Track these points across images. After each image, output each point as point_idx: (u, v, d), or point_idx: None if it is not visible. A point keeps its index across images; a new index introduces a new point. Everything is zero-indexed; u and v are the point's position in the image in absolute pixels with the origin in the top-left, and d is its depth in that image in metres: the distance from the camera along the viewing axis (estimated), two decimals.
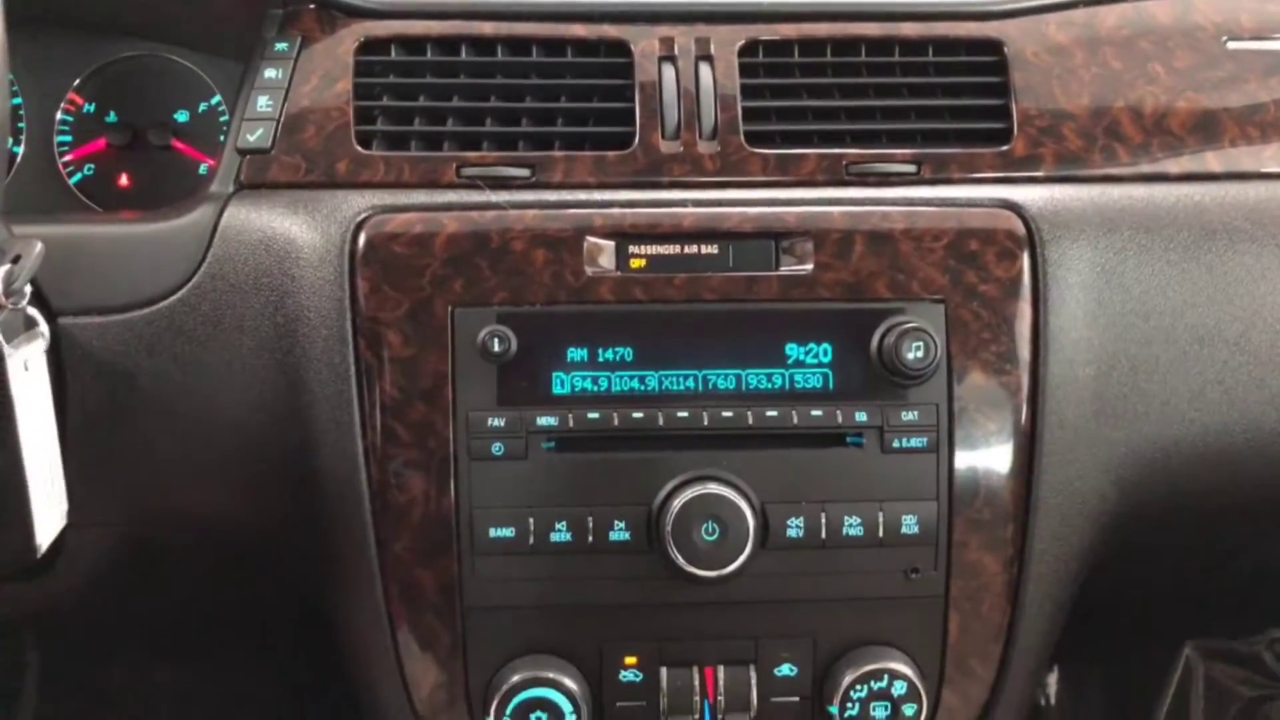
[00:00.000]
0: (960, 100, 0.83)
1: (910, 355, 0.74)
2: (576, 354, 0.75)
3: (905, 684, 0.76)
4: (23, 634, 1.32)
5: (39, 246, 0.69)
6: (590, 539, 0.74)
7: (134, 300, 0.76)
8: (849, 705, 0.76)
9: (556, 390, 0.75)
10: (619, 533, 0.74)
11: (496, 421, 0.74)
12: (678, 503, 0.73)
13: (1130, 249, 0.79)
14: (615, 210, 0.77)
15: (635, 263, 0.76)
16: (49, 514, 0.70)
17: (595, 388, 0.75)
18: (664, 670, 0.77)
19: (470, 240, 0.75)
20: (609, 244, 0.76)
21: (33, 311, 0.72)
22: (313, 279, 0.76)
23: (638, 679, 0.77)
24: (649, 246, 0.76)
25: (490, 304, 0.75)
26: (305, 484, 0.76)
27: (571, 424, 0.74)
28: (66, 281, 0.75)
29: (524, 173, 0.79)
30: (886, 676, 0.76)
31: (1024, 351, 0.77)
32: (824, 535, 0.75)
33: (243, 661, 1.45)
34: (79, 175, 0.95)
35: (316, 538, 0.77)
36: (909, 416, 0.75)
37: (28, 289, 0.70)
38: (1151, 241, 0.79)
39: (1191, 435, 0.79)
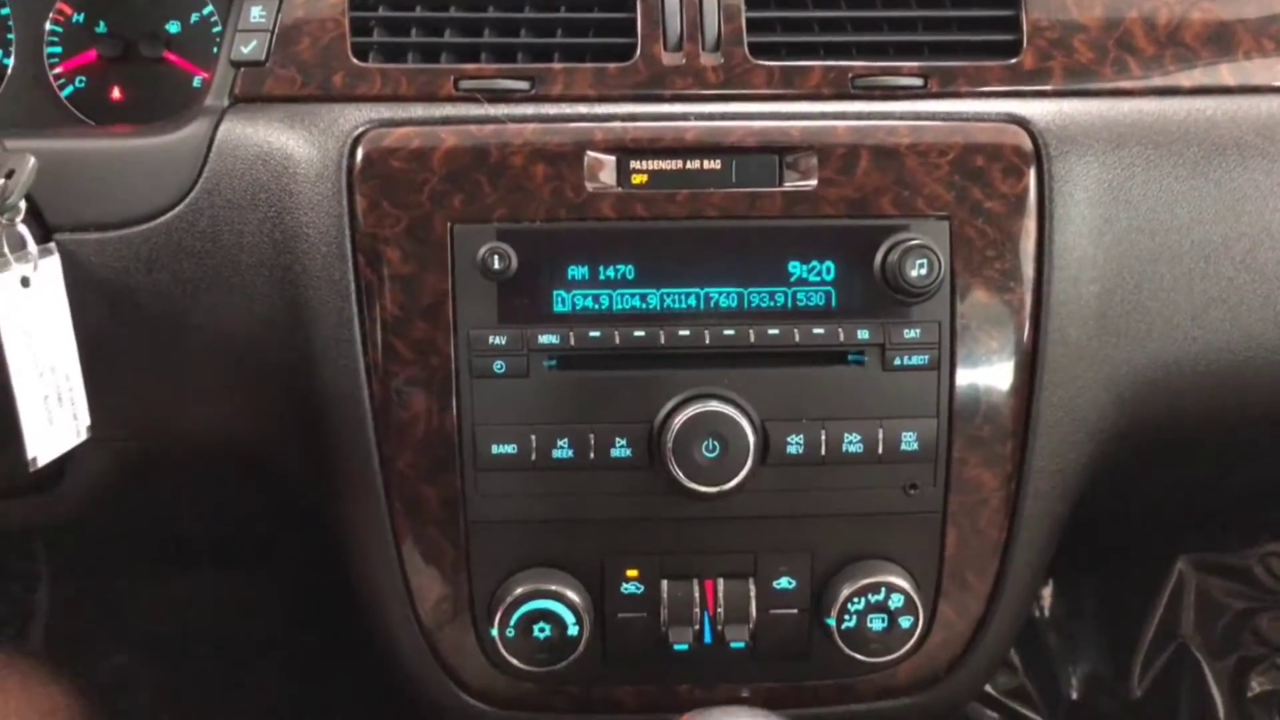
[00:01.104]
0: (969, 11, 0.81)
1: (914, 273, 0.73)
2: (577, 271, 0.75)
3: (902, 597, 0.77)
4: (34, 546, 1.34)
5: (32, 161, 0.68)
6: (592, 456, 0.75)
7: (131, 216, 0.75)
8: (846, 617, 0.77)
9: (557, 308, 0.75)
10: (620, 450, 0.75)
11: (497, 339, 0.74)
12: (679, 420, 0.73)
13: (1138, 164, 0.78)
14: (616, 124, 0.75)
15: (637, 178, 0.75)
16: (52, 431, 0.71)
17: (596, 306, 0.75)
18: (665, 583, 0.79)
19: (469, 155, 0.74)
20: (610, 159, 0.75)
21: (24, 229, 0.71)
22: (310, 195, 0.75)
23: (639, 591, 0.78)
24: (650, 161, 0.75)
25: (490, 220, 0.74)
26: (308, 400, 0.77)
27: (573, 342, 0.74)
28: (62, 197, 0.75)
29: (523, 85, 0.78)
30: (884, 590, 0.77)
31: (1028, 269, 0.77)
32: (823, 452, 0.75)
33: (251, 572, 1.48)
34: (70, 88, 0.93)
35: (321, 453, 0.78)
36: (911, 334, 0.75)
37: (22, 205, 0.70)
38: (1160, 157, 0.78)
39: (1193, 353, 0.79)
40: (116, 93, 0.94)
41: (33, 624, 1.33)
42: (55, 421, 0.71)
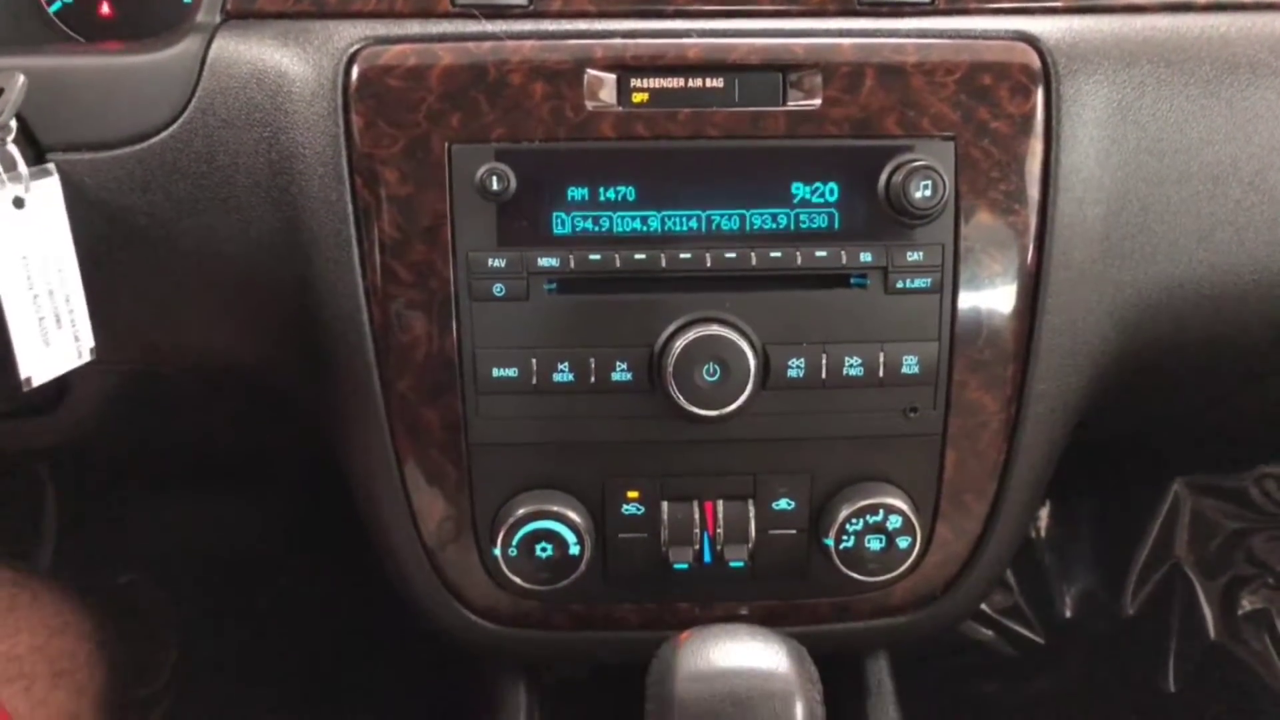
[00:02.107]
0: None
1: (918, 194, 0.72)
2: (577, 193, 0.74)
3: (900, 518, 0.78)
4: (39, 468, 1.35)
5: (21, 79, 0.66)
6: (592, 379, 0.75)
7: (124, 136, 0.74)
8: (844, 538, 0.78)
9: (557, 230, 0.74)
10: (621, 373, 0.75)
11: (497, 262, 0.74)
12: (680, 344, 0.73)
13: (1149, 84, 0.76)
14: (617, 41, 0.74)
15: (637, 97, 0.73)
16: (49, 353, 0.71)
17: (596, 228, 0.74)
18: (665, 504, 0.79)
19: (466, 73, 0.72)
20: (610, 77, 0.73)
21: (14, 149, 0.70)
22: (306, 114, 0.73)
23: (639, 512, 0.79)
24: (652, 80, 0.73)
25: (488, 140, 0.73)
26: (308, 324, 0.76)
27: (573, 265, 0.74)
28: (53, 117, 0.73)
29: (521, 1, 0.76)
30: (882, 511, 0.78)
31: (1033, 191, 0.76)
32: (824, 375, 0.75)
33: (257, 491, 1.49)
34: (59, 4, 0.91)
35: (322, 376, 0.78)
36: (914, 257, 0.75)
37: (13, 124, 0.69)
38: (1172, 75, 0.77)
39: (1198, 276, 0.79)
40: (106, 8, 0.92)
41: (40, 544, 1.35)
42: (52, 343, 0.71)
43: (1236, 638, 1.46)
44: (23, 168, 0.71)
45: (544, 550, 0.77)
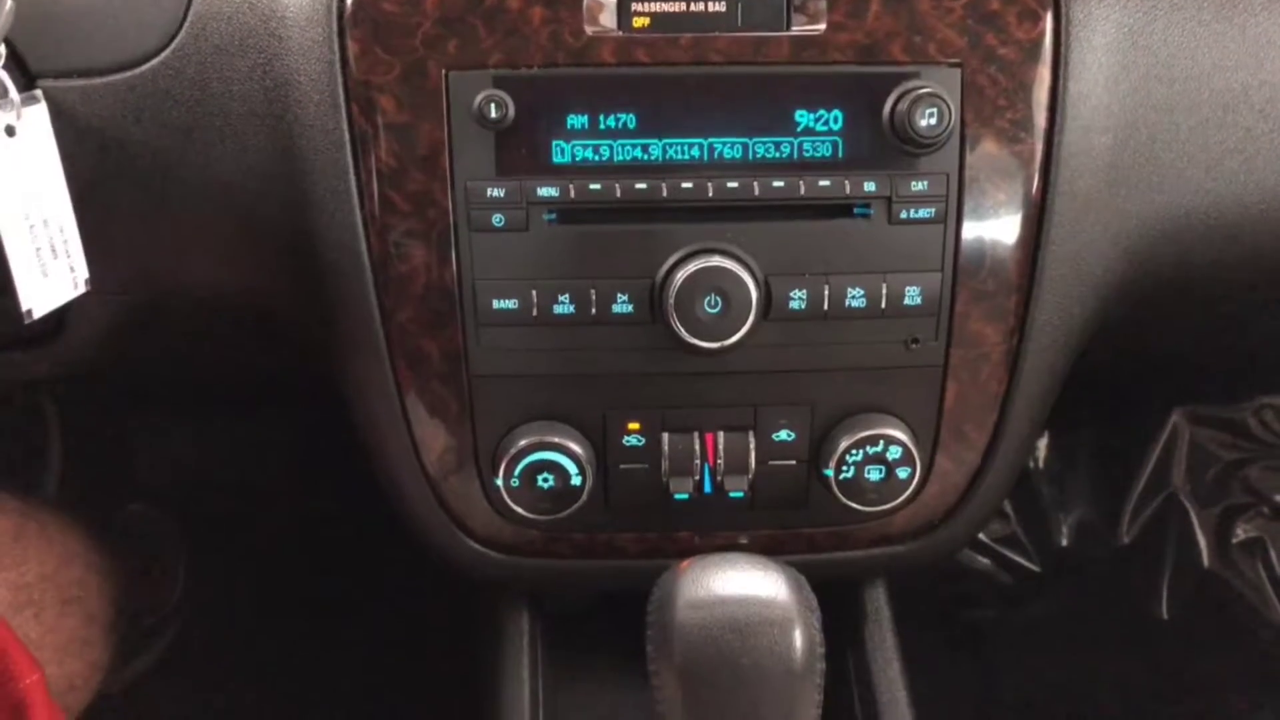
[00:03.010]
0: None
1: (923, 122, 0.71)
2: (576, 121, 0.72)
3: (900, 449, 0.78)
4: (42, 398, 1.35)
5: (9, 3, 0.65)
6: (593, 311, 0.75)
7: (116, 62, 0.73)
8: (844, 469, 0.79)
9: (556, 159, 0.73)
10: (621, 305, 0.75)
11: (496, 192, 0.73)
12: (681, 275, 0.72)
13: (1160, 8, 0.75)
14: None
15: (638, 21, 0.72)
16: (47, 284, 0.70)
17: (596, 157, 0.73)
18: (665, 435, 0.79)
19: None
20: (610, 1, 0.72)
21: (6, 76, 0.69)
22: (300, 40, 0.72)
23: (640, 444, 0.79)
24: (652, 3, 0.72)
25: (486, 67, 0.71)
26: (306, 254, 0.76)
27: (572, 195, 0.73)
28: (42, 41, 0.72)
29: None
30: (882, 442, 0.78)
31: (1040, 119, 0.74)
32: (826, 307, 0.75)
33: (260, 420, 1.50)
34: None
35: (321, 307, 0.78)
36: (918, 186, 0.74)
37: (1, 49, 0.67)
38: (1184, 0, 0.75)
39: (1205, 206, 0.78)
40: None
41: (46, 474, 1.36)
42: (50, 274, 0.71)
43: (1230, 566, 1.48)
44: (14, 94, 0.70)
45: (545, 481, 0.78)
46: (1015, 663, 1.43)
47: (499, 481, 0.78)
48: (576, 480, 0.78)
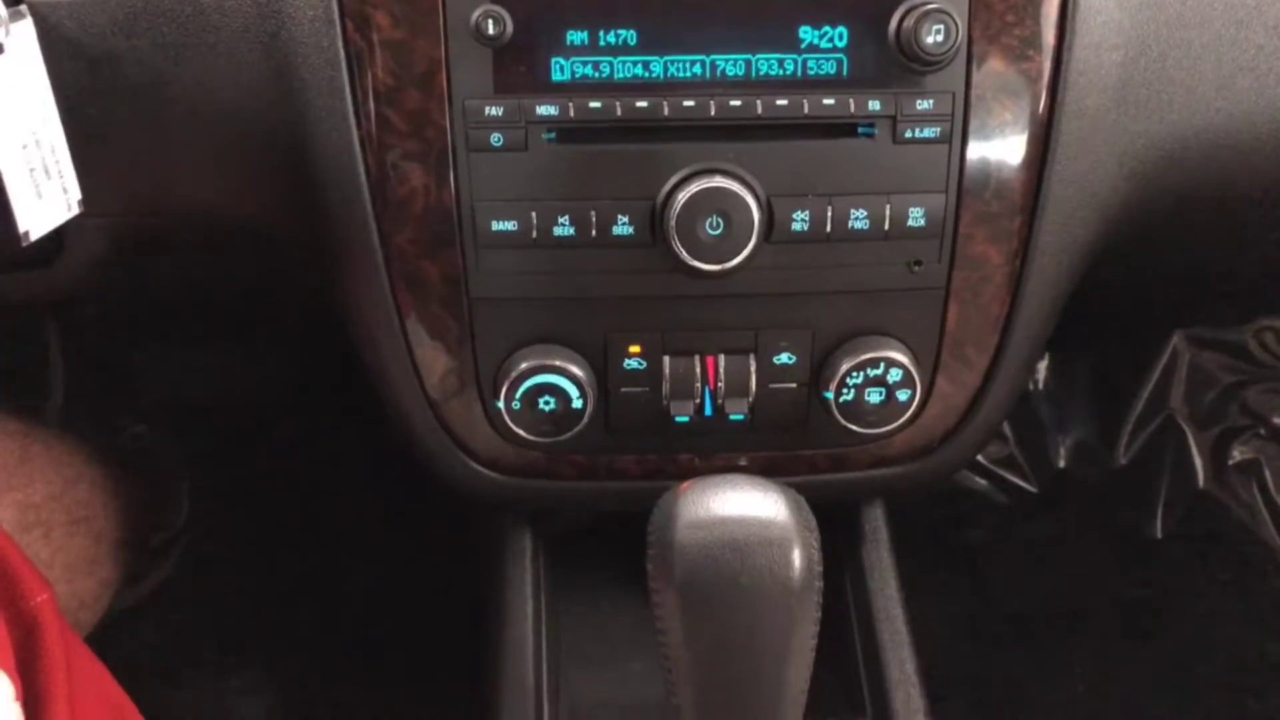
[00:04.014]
0: None
1: (930, 39, 0.70)
2: (576, 37, 0.71)
3: (901, 371, 0.78)
4: (43, 321, 1.35)
5: None
6: (593, 233, 0.74)
7: None
8: (844, 391, 0.79)
9: (555, 77, 0.72)
10: (622, 227, 0.74)
11: (494, 110, 0.72)
12: (682, 196, 0.71)
13: None
14: None
15: None
16: (42, 205, 0.70)
17: (597, 74, 0.72)
18: (666, 359, 0.79)
19: None
20: None
21: None
22: None
23: (641, 367, 0.79)
24: None
25: None
26: (303, 175, 0.75)
27: (572, 113, 0.72)
28: None
29: None
30: (883, 364, 0.78)
31: (1049, 35, 0.73)
32: (829, 228, 0.74)
33: (262, 343, 1.50)
34: None
35: (320, 229, 0.77)
36: (923, 105, 0.72)
37: None
38: None
39: (1214, 125, 0.77)
40: None
41: (49, 397, 1.37)
42: (44, 195, 0.70)
43: (1225, 488, 1.50)
44: (1, 10, 0.68)
45: (547, 404, 0.78)
46: (1010, 582, 1.46)
47: (500, 404, 0.78)
48: (577, 403, 0.78)
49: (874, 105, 0.72)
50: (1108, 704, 1.31)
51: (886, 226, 0.75)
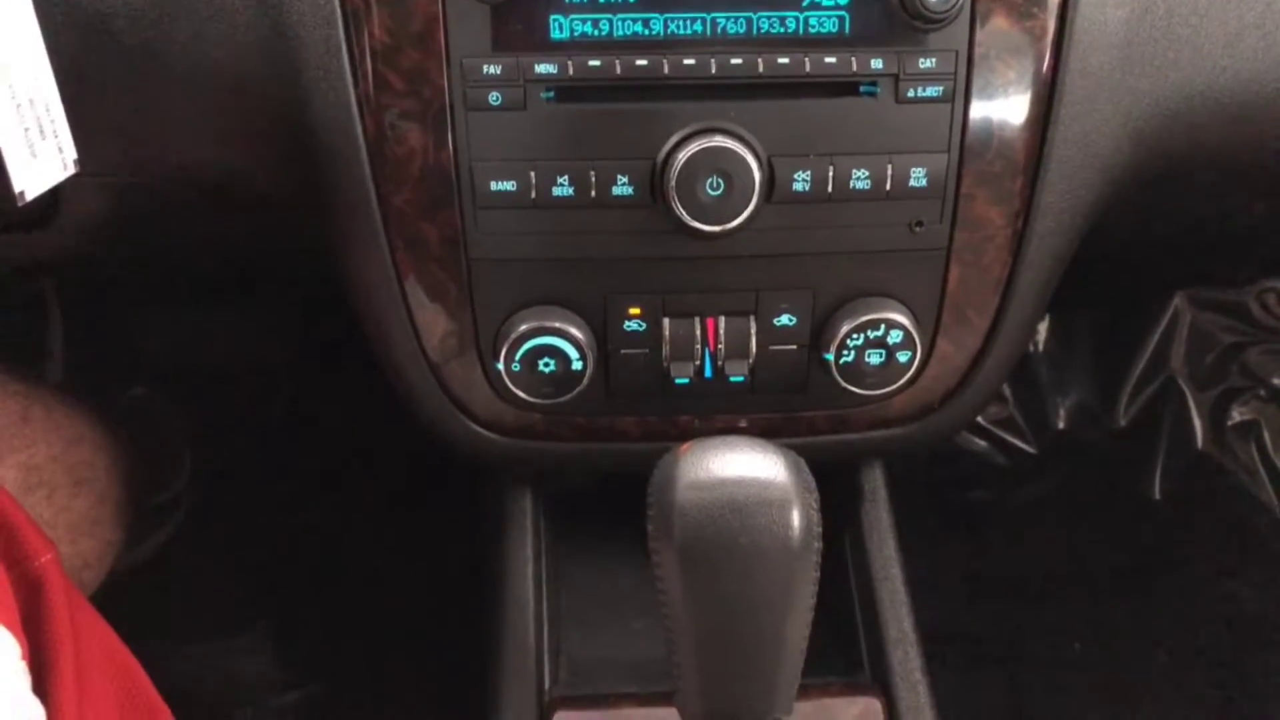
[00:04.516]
0: None
1: None
2: None
3: (901, 333, 0.78)
4: (42, 281, 1.35)
5: None
6: (593, 193, 0.73)
7: None
8: (845, 353, 0.79)
9: (554, 35, 0.71)
10: (622, 187, 0.73)
11: (492, 69, 0.71)
12: (682, 156, 0.71)
13: None
14: None
15: None
16: (37, 164, 0.69)
17: (596, 32, 0.71)
18: (666, 321, 0.79)
19: None
20: None
21: None
22: None
23: (641, 329, 0.79)
24: None
25: None
26: (300, 136, 0.74)
27: (571, 72, 0.71)
28: None
29: None
30: (883, 326, 0.78)
31: None
32: (830, 189, 0.74)
33: (261, 305, 1.50)
34: None
35: (318, 190, 0.76)
36: (926, 64, 0.72)
37: None
38: None
39: (1221, 84, 0.76)
40: None
41: (49, 358, 1.36)
42: (40, 155, 0.70)
43: (1224, 448, 1.50)
44: None
45: (546, 365, 0.78)
46: (1008, 542, 1.46)
47: (500, 366, 0.78)
48: (577, 365, 0.78)
49: (876, 64, 0.71)
50: (1104, 663, 1.32)
51: (888, 187, 0.74)
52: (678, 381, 0.81)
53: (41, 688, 0.69)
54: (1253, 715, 1.27)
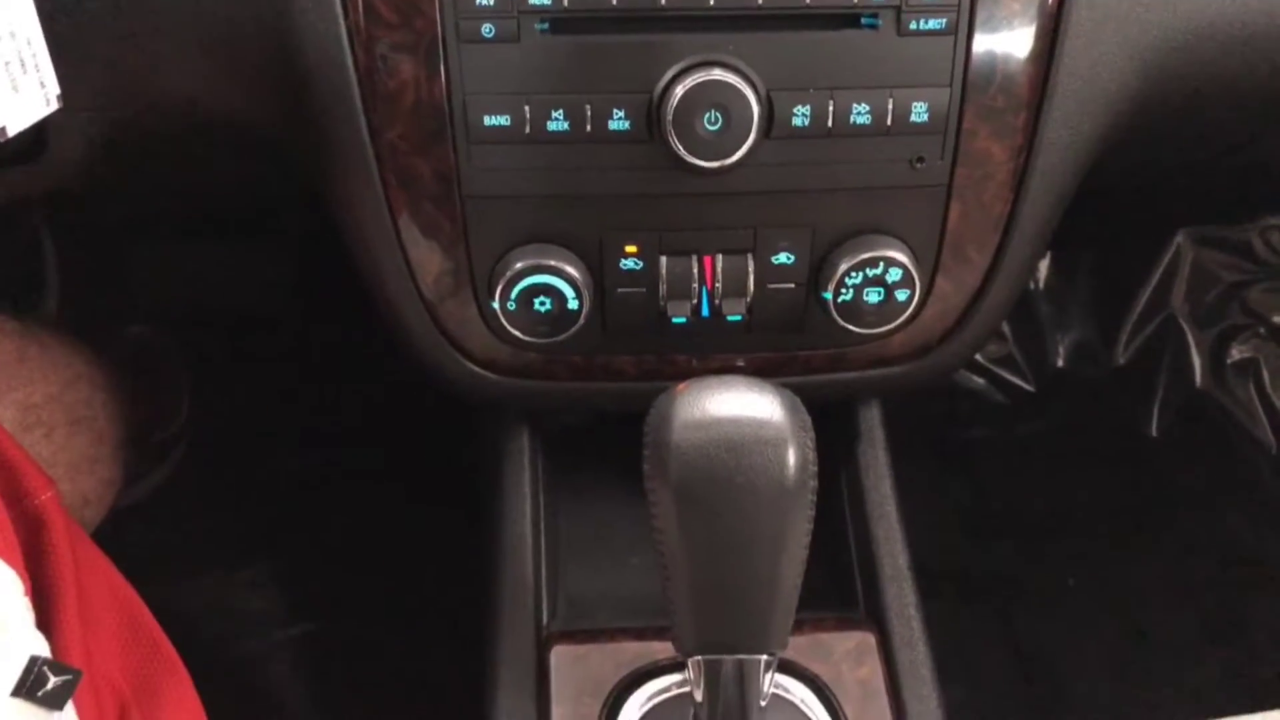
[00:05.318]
0: None
1: None
2: None
3: (900, 271, 0.77)
4: (34, 219, 1.34)
5: None
6: (588, 128, 0.72)
7: None
8: (843, 291, 0.78)
9: None
10: (618, 122, 0.72)
11: (485, 0, 0.69)
12: (680, 90, 0.70)
13: None
14: None
15: None
16: (19, 99, 0.68)
17: None
18: (663, 259, 0.78)
19: None
20: None
21: None
22: None
23: (638, 267, 0.79)
24: None
25: None
26: (290, 69, 0.73)
27: (566, 2, 0.69)
28: None
29: None
30: (882, 264, 0.77)
31: None
32: (830, 124, 0.73)
33: (257, 245, 1.49)
34: None
35: (309, 125, 0.75)
36: None
37: None
38: None
39: (1229, 15, 0.74)
40: None
41: (44, 297, 1.36)
42: (21, 89, 0.68)
43: (1222, 386, 1.50)
44: None
45: (542, 304, 0.77)
46: (1004, 480, 1.47)
47: (495, 305, 0.78)
48: (573, 304, 0.77)
49: None
50: (1098, 598, 1.34)
51: (889, 122, 0.73)
52: (675, 321, 0.80)
53: (45, 623, 0.70)
54: (1247, 650, 1.29)
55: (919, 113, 0.73)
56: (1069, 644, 1.29)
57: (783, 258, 0.79)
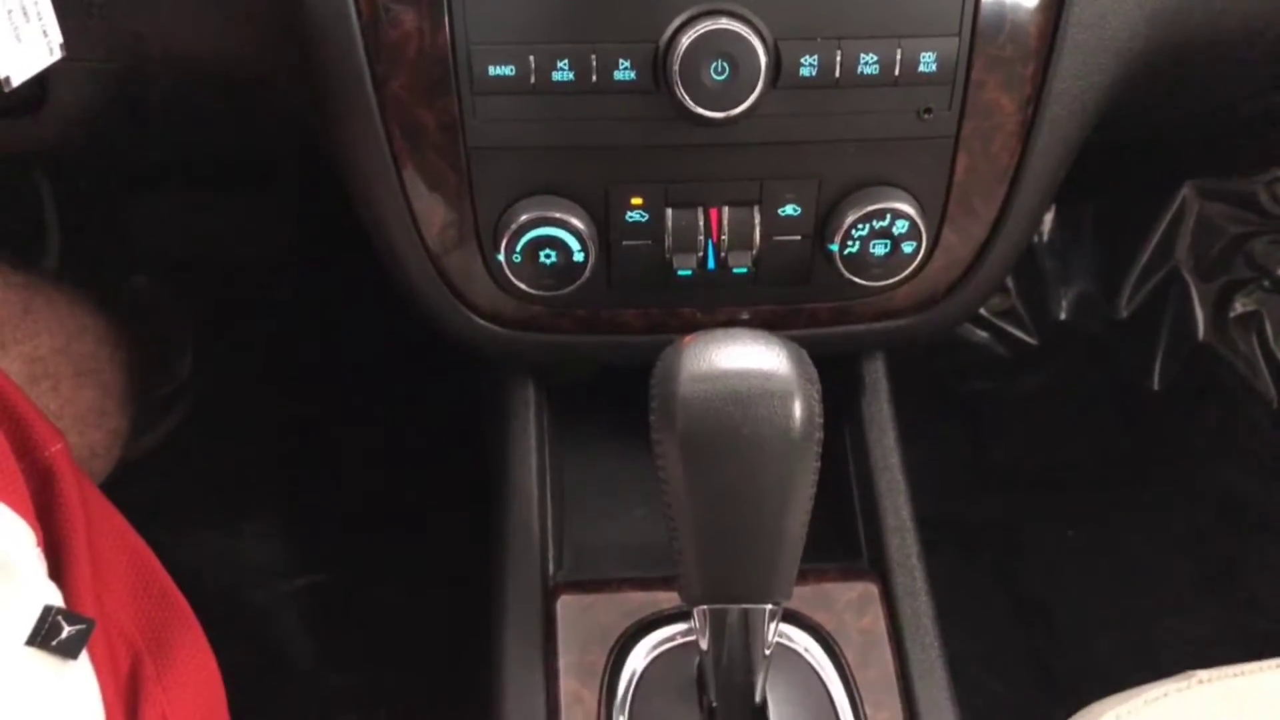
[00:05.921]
0: None
1: None
2: None
3: (907, 223, 0.77)
4: (35, 171, 1.33)
5: None
6: (594, 78, 0.71)
7: None
8: (849, 243, 0.78)
9: None
10: (624, 72, 0.71)
11: None
12: (686, 39, 0.69)
13: None
14: None
15: None
16: (22, 49, 0.67)
17: None
18: (669, 211, 0.78)
19: None
20: None
21: None
22: None
23: (643, 219, 0.78)
24: None
25: None
26: (292, 17, 0.72)
27: None
28: None
29: None
30: (889, 216, 0.77)
31: None
32: (838, 74, 0.72)
33: (260, 195, 1.48)
34: None
35: (312, 75, 0.75)
36: None
37: None
38: None
39: None
40: None
41: (46, 248, 1.36)
42: (24, 39, 0.68)
43: (1225, 339, 1.50)
44: None
45: (548, 257, 0.77)
46: (1007, 432, 1.48)
47: (500, 257, 0.78)
48: (579, 256, 0.77)
49: None
50: (1099, 549, 1.35)
51: (897, 72, 0.72)
52: (680, 273, 0.80)
53: (57, 573, 0.71)
54: (1245, 601, 1.30)
55: (927, 63, 0.72)
56: (1069, 594, 1.31)
57: (789, 210, 0.78)
